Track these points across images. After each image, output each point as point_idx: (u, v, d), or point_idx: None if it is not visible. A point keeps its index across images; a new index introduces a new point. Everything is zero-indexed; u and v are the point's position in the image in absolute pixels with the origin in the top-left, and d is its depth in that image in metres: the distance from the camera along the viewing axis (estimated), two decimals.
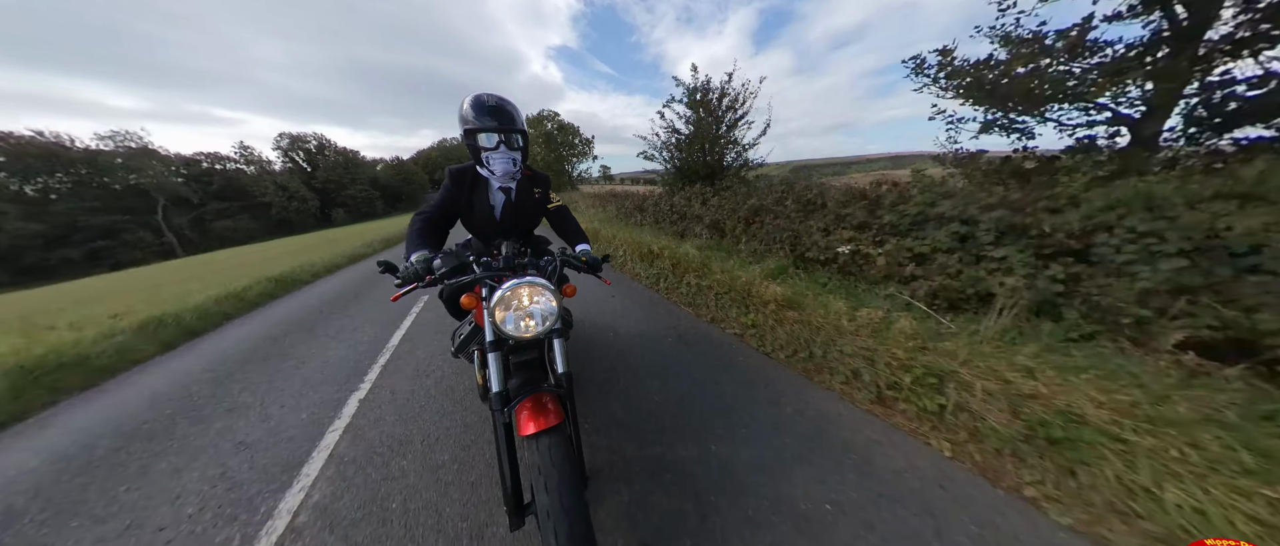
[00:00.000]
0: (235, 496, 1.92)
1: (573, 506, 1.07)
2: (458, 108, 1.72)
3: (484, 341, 1.37)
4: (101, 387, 3.38)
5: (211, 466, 2.15)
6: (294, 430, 2.41)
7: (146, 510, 1.88)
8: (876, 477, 1.79)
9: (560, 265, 1.62)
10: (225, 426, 2.53)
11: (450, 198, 1.82)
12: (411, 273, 1.41)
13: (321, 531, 1.67)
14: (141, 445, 2.41)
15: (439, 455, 2.07)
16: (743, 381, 2.62)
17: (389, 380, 2.96)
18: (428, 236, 1.73)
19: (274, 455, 2.19)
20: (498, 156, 1.70)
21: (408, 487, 1.86)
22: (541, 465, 1.13)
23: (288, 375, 3.22)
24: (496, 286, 1.32)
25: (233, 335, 4.54)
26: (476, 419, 2.36)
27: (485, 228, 1.94)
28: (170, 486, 2.02)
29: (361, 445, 2.21)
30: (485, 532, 1.60)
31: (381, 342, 3.71)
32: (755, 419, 2.23)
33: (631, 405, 2.39)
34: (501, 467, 1.28)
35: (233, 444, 2.34)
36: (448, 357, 3.20)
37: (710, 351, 3.08)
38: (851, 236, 3.87)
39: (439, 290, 1.77)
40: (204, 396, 2.98)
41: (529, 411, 1.23)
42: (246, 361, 3.61)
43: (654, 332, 3.49)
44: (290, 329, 4.51)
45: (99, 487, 2.07)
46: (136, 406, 2.93)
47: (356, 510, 1.76)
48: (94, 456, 2.33)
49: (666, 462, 1.92)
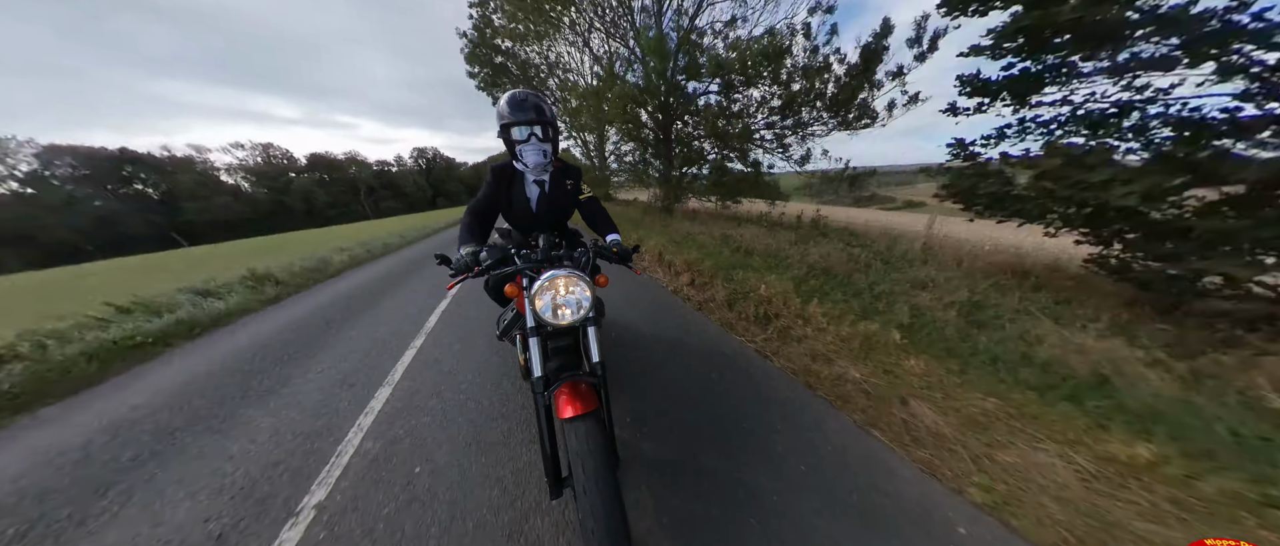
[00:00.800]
0: (417, 308, 4.57)
1: (606, 487, 1.16)
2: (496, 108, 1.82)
3: (525, 327, 1.47)
4: (362, 268, 8.22)
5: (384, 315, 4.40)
6: (425, 301, 4.88)
7: (348, 344, 3.64)
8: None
9: (593, 256, 1.70)
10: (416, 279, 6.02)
11: (492, 193, 1.95)
12: (462, 264, 1.56)
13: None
14: (360, 301, 5.19)
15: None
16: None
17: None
18: (475, 230, 1.88)
19: (411, 318, 4.25)
20: (529, 148, 1.79)
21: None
22: (578, 447, 1.22)
23: (414, 285, 6.02)
24: (536, 277, 1.44)
25: (406, 254, 10.08)
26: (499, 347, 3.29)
27: (523, 220, 2.06)
28: (372, 322, 4.23)
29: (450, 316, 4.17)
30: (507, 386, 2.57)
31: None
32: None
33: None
34: (542, 444, 1.38)
35: (404, 296, 5.15)
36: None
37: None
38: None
39: (485, 280, 1.86)
40: (411, 264, 8.04)
41: (567, 396, 1.33)
42: (410, 270, 7.47)
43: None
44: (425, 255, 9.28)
45: (340, 319, 4.38)
46: (368, 278, 6.97)
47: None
48: (341, 301, 5.27)
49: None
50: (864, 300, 3.61)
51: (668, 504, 1.66)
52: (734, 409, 2.29)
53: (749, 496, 1.69)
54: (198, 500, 1.86)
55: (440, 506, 1.72)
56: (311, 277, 7.09)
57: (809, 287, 3.95)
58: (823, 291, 3.85)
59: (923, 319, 3.14)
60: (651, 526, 1.57)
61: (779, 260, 5.15)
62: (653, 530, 1.55)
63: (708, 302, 4.06)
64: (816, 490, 1.72)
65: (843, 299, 3.65)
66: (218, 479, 1.98)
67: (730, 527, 1.56)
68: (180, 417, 2.58)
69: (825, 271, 4.52)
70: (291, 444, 2.21)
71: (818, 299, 3.58)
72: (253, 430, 2.38)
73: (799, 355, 2.83)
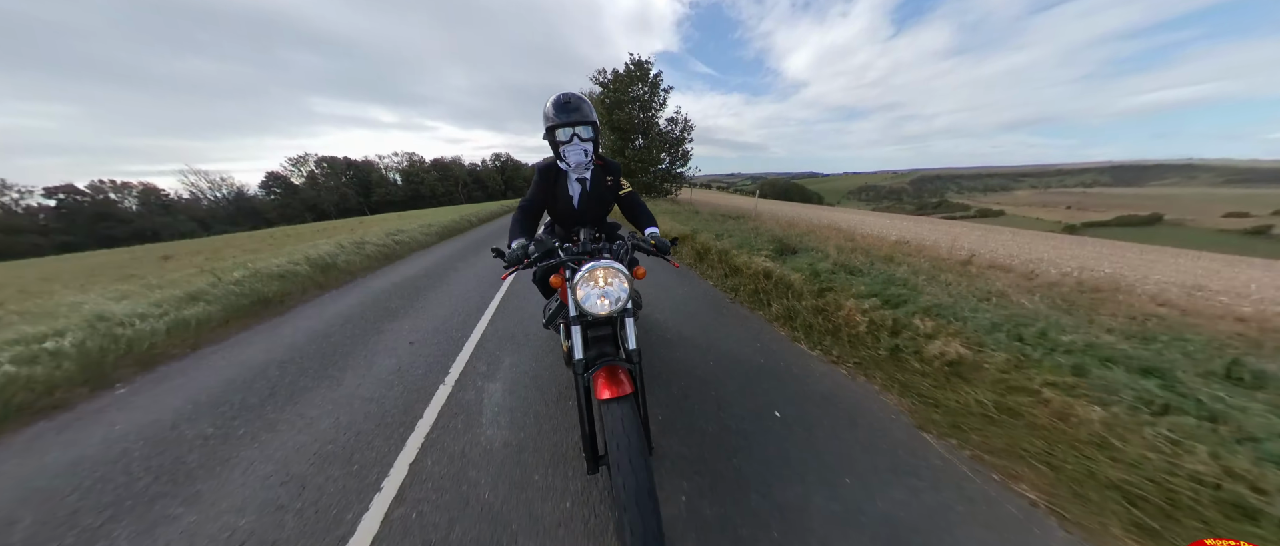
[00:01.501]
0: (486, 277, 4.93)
1: (639, 467, 1.18)
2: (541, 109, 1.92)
3: (567, 316, 1.53)
4: (477, 229, 12.85)
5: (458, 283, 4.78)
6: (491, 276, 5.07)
7: (437, 298, 4.12)
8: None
9: (631, 249, 1.71)
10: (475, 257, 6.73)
11: (539, 191, 2.03)
12: (514, 257, 1.64)
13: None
14: (451, 264, 5.99)
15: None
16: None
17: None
18: (525, 225, 1.94)
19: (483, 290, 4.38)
20: (572, 148, 1.85)
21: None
22: (614, 428, 1.25)
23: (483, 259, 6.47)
24: (577, 268, 1.48)
25: (500, 221, 15.91)
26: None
27: (566, 215, 2.13)
28: (451, 288, 4.55)
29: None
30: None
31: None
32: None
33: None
34: (581, 422, 1.45)
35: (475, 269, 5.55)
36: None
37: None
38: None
39: (533, 272, 1.91)
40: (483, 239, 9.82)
41: (604, 379, 1.36)
42: (502, 230, 11.50)
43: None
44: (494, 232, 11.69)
45: (429, 282, 4.77)
46: (458, 248, 8.12)
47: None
48: (433, 265, 6.04)
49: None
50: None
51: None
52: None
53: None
54: (444, 308, 3.70)
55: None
56: (458, 228, 12.43)
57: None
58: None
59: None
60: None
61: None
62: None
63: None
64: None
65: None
66: (449, 302, 3.88)
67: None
68: (427, 280, 4.96)
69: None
70: (476, 294, 4.16)
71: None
72: (456, 285, 4.60)
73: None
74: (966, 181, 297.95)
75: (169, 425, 1.95)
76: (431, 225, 11.40)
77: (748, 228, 6.70)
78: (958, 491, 1.46)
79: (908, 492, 1.45)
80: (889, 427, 1.80)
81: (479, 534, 1.36)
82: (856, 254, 4.34)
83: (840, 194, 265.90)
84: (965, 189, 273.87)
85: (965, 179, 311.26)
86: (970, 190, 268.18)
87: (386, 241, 7.76)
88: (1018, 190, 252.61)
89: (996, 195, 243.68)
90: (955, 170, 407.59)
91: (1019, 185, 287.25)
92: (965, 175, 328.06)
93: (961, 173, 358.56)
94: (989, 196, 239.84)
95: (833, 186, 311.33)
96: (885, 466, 1.57)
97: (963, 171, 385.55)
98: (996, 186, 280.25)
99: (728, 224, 7.36)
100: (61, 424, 2.04)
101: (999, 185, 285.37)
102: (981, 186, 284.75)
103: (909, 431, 1.77)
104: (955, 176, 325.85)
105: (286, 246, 7.67)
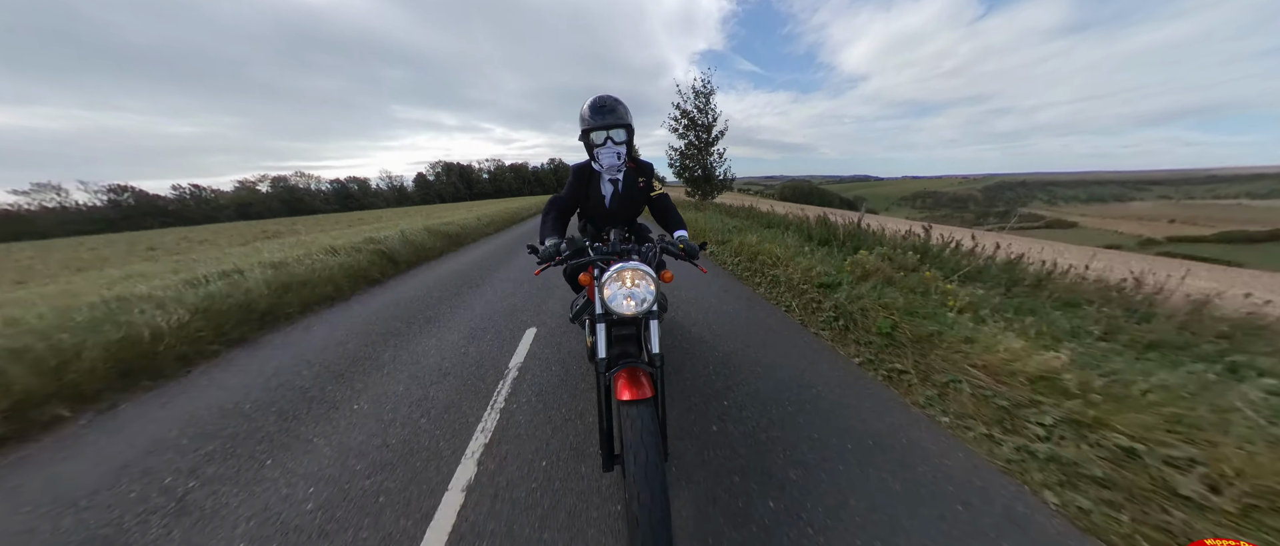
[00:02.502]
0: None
1: (654, 472, 1.19)
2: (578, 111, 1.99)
3: (593, 313, 1.60)
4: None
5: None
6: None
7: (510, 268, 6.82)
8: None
9: (660, 251, 1.76)
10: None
11: (573, 190, 2.13)
12: (546, 254, 1.74)
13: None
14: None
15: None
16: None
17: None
18: (557, 223, 2.03)
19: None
20: (606, 151, 1.93)
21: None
22: (631, 430, 1.27)
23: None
24: (606, 268, 1.53)
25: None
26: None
27: (598, 215, 2.22)
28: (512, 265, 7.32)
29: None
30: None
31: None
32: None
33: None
34: (600, 419, 1.49)
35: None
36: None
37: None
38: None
39: (563, 269, 1.97)
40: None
41: (625, 380, 1.39)
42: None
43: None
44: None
45: (497, 261, 7.61)
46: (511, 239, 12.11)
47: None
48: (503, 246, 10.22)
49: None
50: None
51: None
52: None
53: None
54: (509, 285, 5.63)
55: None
56: (537, 207, 21.53)
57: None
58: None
59: None
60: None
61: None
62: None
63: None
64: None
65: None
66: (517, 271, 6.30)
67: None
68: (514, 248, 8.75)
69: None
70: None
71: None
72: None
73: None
74: (1064, 188, 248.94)
75: (433, 283, 5.21)
76: (522, 207, 20.66)
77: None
78: (816, 351, 3.38)
79: (789, 345, 3.47)
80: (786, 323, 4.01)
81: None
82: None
83: (891, 200, 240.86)
84: (1060, 197, 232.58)
85: (1062, 186, 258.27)
86: (1070, 200, 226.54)
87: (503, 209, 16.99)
88: (1137, 200, 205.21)
89: (1105, 206, 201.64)
90: (1057, 175, 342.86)
91: (1144, 194, 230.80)
92: (1064, 182, 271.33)
93: (1061, 178, 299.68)
94: (1091, 207, 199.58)
95: (886, 191, 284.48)
96: (786, 340, 3.53)
97: (1065, 176, 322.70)
98: (1107, 195, 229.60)
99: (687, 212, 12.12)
100: (370, 293, 5.11)
101: (1112, 194, 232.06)
102: (1085, 195, 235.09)
103: (798, 327, 3.86)
104: (1050, 182, 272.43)
105: (441, 214, 16.08)
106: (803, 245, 5.97)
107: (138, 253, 15.94)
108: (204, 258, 8.58)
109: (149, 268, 7.72)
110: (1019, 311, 3.16)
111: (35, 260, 16.30)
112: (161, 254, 13.81)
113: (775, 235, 7.13)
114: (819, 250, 5.65)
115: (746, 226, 8.89)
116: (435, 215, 17.98)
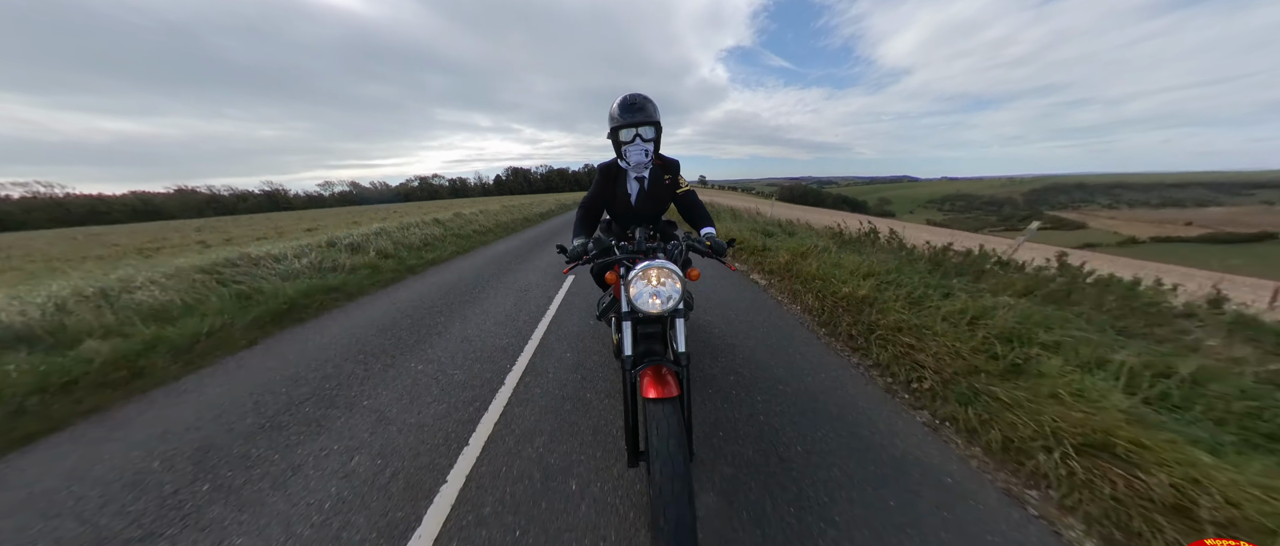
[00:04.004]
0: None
1: (678, 471, 1.21)
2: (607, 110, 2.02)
3: (619, 311, 1.61)
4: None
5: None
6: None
7: (540, 258, 8.14)
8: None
9: (685, 249, 1.77)
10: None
11: (600, 189, 2.15)
12: (574, 253, 1.78)
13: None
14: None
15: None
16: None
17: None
18: (586, 222, 2.09)
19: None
20: (633, 148, 1.94)
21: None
22: (656, 428, 1.28)
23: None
24: (632, 267, 1.55)
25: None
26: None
27: (624, 213, 2.24)
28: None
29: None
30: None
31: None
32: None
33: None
34: (626, 416, 1.51)
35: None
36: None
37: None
38: None
39: (590, 267, 1.97)
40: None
41: (651, 378, 1.41)
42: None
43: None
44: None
45: (529, 252, 9.04)
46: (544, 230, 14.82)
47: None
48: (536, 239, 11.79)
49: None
50: None
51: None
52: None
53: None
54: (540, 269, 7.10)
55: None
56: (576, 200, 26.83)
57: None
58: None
59: None
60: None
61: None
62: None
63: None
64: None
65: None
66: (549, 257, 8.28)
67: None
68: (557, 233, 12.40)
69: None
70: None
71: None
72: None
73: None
74: (1133, 192, 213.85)
75: (484, 262, 7.57)
76: (568, 198, 33.91)
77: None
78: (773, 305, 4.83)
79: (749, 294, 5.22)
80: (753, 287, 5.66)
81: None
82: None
83: (918, 202, 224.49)
84: (1124, 201, 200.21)
85: (1131, 189, 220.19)
86: (1139, 204, 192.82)
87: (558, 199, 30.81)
88: (1216, 207, 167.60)
89: (1175, 211, 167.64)
90: (1144, 176, 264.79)
91: (1245, 198, 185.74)
92: (1135, 184, 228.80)
93: (1135, 179, 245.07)
94: (1161, 212, 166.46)
95: (915, 194, 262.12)
96: (750, 297, 5.03)
97: (1159, 177, 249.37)
98: (1186, 199, 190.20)
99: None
100: (424, 275, 6.97)
101: (1192, 198, 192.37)
102: (1157, 198, 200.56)
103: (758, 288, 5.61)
104: (1117, 184, 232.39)
105: (510, 202, 23.98)
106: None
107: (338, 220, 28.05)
108: (405, 222, 12.82)
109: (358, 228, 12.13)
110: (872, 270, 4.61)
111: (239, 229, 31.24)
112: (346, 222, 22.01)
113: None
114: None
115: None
116: (508, 203, 28.11)
